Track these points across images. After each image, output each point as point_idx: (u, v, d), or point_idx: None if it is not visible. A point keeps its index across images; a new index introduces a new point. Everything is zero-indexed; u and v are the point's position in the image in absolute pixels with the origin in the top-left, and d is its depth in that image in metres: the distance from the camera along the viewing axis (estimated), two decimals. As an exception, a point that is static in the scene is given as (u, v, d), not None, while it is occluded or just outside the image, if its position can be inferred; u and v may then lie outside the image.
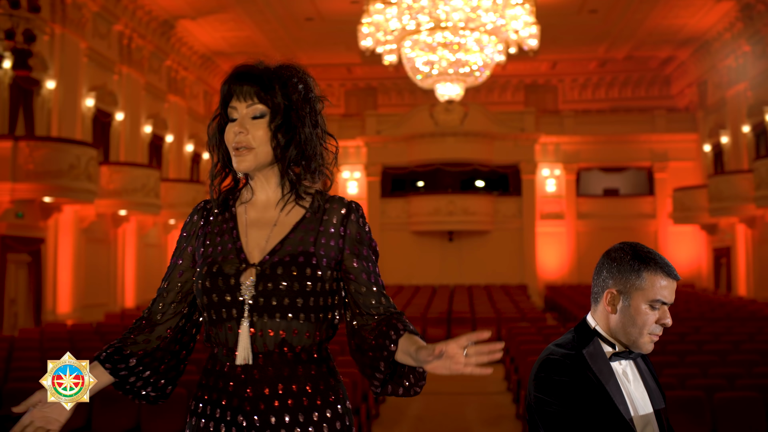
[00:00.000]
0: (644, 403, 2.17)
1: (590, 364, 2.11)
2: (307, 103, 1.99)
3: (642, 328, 2.12)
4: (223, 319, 1.85)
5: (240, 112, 1.92)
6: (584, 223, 24.34)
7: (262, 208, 1.98)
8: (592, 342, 2.17)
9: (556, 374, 2.09)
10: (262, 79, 1.94)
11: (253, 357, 1.83)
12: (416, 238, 24.37)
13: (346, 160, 25.27)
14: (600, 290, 2.19)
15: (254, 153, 1.91)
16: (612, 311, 2.17)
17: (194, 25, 21.35)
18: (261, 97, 1.91)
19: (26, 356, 9.50)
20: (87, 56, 17.00)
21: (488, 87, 27.30)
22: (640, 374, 2.23)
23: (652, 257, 2.15)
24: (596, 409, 2.05)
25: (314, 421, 1.82)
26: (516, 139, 24.28)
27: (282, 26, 21.94)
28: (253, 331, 1.82)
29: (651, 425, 2.16)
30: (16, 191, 13.28)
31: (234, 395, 1.82)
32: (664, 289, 2.12)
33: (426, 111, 24.03)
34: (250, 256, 1.89)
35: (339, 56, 24.94)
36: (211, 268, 1.88)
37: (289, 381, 1.82)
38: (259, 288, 1.82)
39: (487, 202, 24.03)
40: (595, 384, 2.08)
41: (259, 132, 1.91)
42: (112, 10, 18.00)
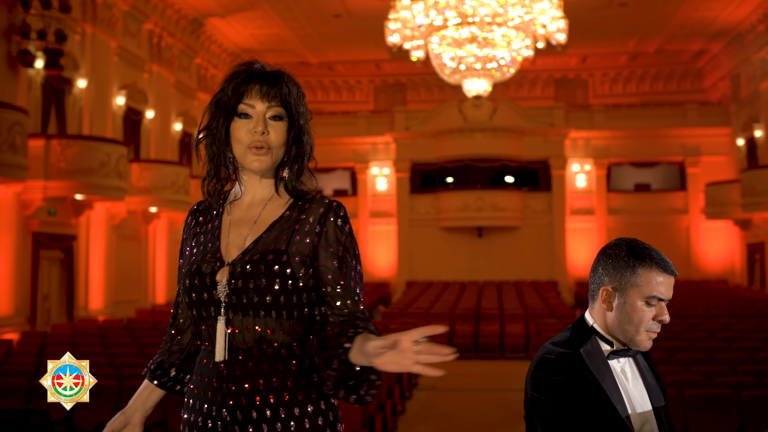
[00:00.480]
0: (643, 401, 2.15)
1: (587, 362, 2.09)
2: (307, 113, 2.01)
3: (639, 325, 2.09)
4: (203, 317, 1.88)
5: (258, 111, 1.92)
6: (615, 219, 24.13)
7: (247, 207, 2.00)
8: (589, 340, 2.15)
9: (552, 374, 2.07)
10: (282, 81, 1.95)
11: (234, 353, 1.85)
12: (445, 234, 24.32)
13: (375, 157, 25.30)
14: (596, 287, 2.17)
15: (272, 154, 1.93)
16: (608, 308, 2.14)
17: (223, 23, 21.49)
18: (283, 99, 1.93)
19: (57, 351, 9.62)
20: (117, 55, 17.20)
21: (517, 82, 27.16)
22: (639, 372, 2.20)
23: (647, 253, 2.12)
24: (593, 409, 2.03)
25: (295, 416, 1.83)
26: (546, 134, 24.12)
27: (310, 23, 22.00)
28: (231, 329, 1.85)
29: (649, 423, 2.13)
30: (49, 189, 13.48)
31: (218, 390, 1.85)
32: (660, 285, 2.09)
33: (455, 107, 23.96)
34: (229, 254, 1.91)
35: (367, 53, 24.96)
36: (191, 267, 1.92)
37: (269, 376, 1.84)
38: (231, 286, 1.85)
39: (516, 197, 23.92)
40: (591, 383, 2.06)
41: (278, 135, 1.93)
42: (142, 9, 18.18)
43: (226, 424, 1.84)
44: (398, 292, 23.95)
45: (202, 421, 1.87)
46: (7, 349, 10.09)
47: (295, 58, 25.63)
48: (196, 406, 1.90)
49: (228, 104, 1.94)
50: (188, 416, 1.92)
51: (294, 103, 1.95)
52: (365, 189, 25.27)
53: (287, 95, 1.94)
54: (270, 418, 1.82)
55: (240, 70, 1.98)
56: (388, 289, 24.17)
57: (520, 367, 12.74)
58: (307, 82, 28.45)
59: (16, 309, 13.21)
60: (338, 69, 27.64)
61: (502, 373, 12.86)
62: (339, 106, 28.17)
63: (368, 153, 25.41)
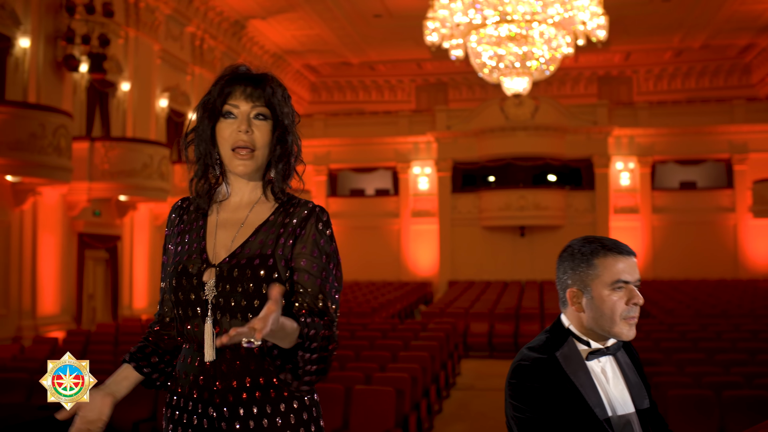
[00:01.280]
0: (624, 402, 2.10)
1: (563, 366, 2.05)
2: (293, 116, 2.03)
3: (612, 315, 2.05)
4: (189, 317, 1.92)
5: (243, 111, 1.96)
6: (660, 218, 23.78)
7: (234, 209, 2.03)
8: (566, 342, 2.10)
9: (527, 380, 2.03)
10: (267, 83, 1.98)
11: (221, 352, 1.88)
12: (487, 233, 24.22)
13: (417, 156, 25.29)
14: (563, 291, 2.14)
15: (255, 156, 1.96)
16: (578, 309, 2.10)
17: (265, 24, 21.68)
18: (267, 100, 1.96)
19: (100, 350, 9.84)
20: (160, 58, 17.46)
21: (560, 80, 26.94)
22: (621, 370, 2.15)
23: (598, 242, 2.09)
24: (570, 414, 2.00)
25: (281, 411, 1.87)
26: (588, 132, 23.86)
27: (350, 23, 22.08)
28: (218, 329, 1.88)
29: (632, 424, 2.08)
30: (93, 190, 13.75)
31: (204, 388, 1.88)
32: (621, 269, 2.05)
33: (496, 105, 23.84)
34: (216, 256, 1.94)
35: (408, 52, 24.96)
36: (177, 267, 1.95)
37: (255, 374, 1.87)
38: (218, 288, 1.88)
39: (559, 196, 23.72)
40: (568, 387, 2.02)
41: (263, 135, 1.96)
42: (184, 12, 18.43)
43: (212, 420, 1.88)
44: (440, 291, 23.91)
45: (187, 418, 1.91)
46: (53, 347, 10.33)
47: (337, 58, 25.75)
48: (180, 403, 1.93)
49: (214, 105, 1.97)
50: (171, 414, 1.96)
51: (278, 104, 1.97)
52: (407, 188, 25.28)
53: (271, 96, 1.96)
54: (256, 414, 1.86)
55: (226, 72, 2.01)
56: (430, 288, 24.15)
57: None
58: (349, 82, 28.57)
59: (62, 308, 13.49)
60: (380, 69, 27.69)
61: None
62: (380, 105, 28.22)
63: (410, 152, 25.41)
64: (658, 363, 8.35)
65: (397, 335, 11.10)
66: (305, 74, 27.58)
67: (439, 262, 24.48)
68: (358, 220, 25.49)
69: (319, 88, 29.10)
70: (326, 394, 6.84)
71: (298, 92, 27.92)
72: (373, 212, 25.60)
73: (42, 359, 9.16)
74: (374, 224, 25.42)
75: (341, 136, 25.79)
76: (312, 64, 26.68)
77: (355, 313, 15.20)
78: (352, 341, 10.39)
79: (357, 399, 6.78)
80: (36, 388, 7.43)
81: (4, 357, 9.48)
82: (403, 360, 8.87)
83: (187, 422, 1.91)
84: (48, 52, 13.50)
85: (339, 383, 7.13)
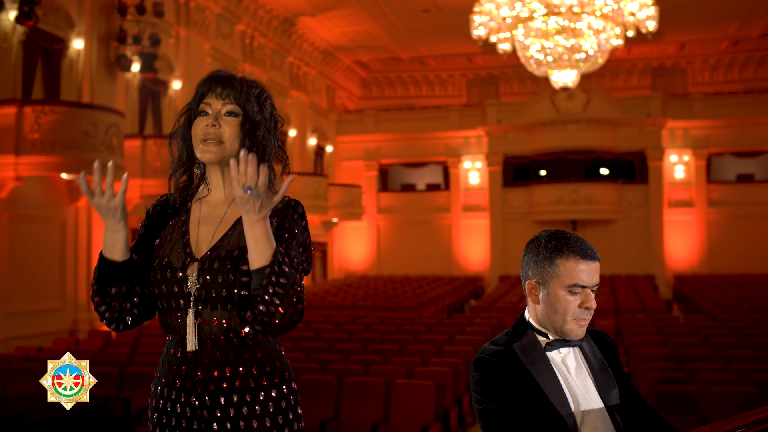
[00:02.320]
0: (586, 392, 2.11)
1: (521, 357, 2.08)
2: (272, 118, 2.12)
3: (564, 314, 2.08)
4: (172, 308, 2.00)
5: (214, 108, 2.05)
6: (716, 211, 23.28)
7: (214, 205, 2.11)
8: (525, 334, 2.14)
9: (485, 372, 2.07)
10: (241, 85, 2.08)
11: (202, 343, 1.95)
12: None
13: (468, 150, 25.22)
14: (524, 281, 2.18)
15: (222, 147, 2.03)
16: (534, 301, 2.14)
17: (314, 21, 21.82)
18: (237, 99, 2.05)
19: (150, 342, 10.07)
20: (211, 56, 17.73)
21: (613, 72, 26.56)
22: (586, 362, 2.16)
23: (565, 243, 2.10)
24: (528, 404, 2.02)
25: (260, 400, 1.95)
26: (641, 124, 23.49)
27: (399, 19, 22.09)
28: (200, 321, 1.96)
29: (594, 415, 2.08)
30: (146, 187, 14.04)
31: (186, 378, 1.96)
32: (581, 273, 2.07)
33: (547, 98, 23.63)
34: (198, 250, 2.03)
35: (458, 46, 24.84)
36: (162, 260, 2.03)
37: (235, 364, 1.95)
38: (200, 281, 1.96)
39: (611, 190, 23.41)
40: (525, 377, 2.05)
41: (231, 128, 2.05)
42: (234, 10, 18.67)
43: (194, 408, 1.96)
44: (491, 286, 23.82)
45: (171, 407, 1.99)
46: (105, 340, 10.61)
47: (387, 53, 25.79)
48: (163, 393, 2.01)
49: (191, 106, 2.09)
50: (156, 402, 2.04)
51: (246, 100, 2.06)
52: (458, 183, 25.22)
53: (239, 93, 2.05)
54: (236, 402, 1.94)
55: (205, 76, 2.11)
56: (481, 283, 24.07)
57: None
58: (399, 77, 28.59)
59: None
60: (430, 63, 27.65)
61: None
62: (431, 100, 28.19)
63: (460, 147, 25.35)
64: (706, 359, 8.21)
65: (443, 330, 11.12)
66: (356, 70, 27.68)
67: (490, 256, 24.39)
68: (408, 215, 25.54)
69: (370, 84, 29.18)
70: (367, 388, 6.92)
71: (348, 88, 28.05)
72: (423, 207, 25.62)
73: (96, 351, 9.43)
74: (425, 219, 25.43)
75: (392, 132, 25.86)
76: (362, 60, 26.76)
77: (403, 308, 15.25)
78: (397, 335, 10.45)
79: (397, 393, 6.84)
80: None
81: (58, 349, 9.76)
82: (447, 354, 8.89)
83: (171, 410, 1.99)
84: (101, 53, 13.84)
85: (380, 377, 7.20)
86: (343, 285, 21.49)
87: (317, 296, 18.02)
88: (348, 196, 23.80)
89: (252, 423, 1.93)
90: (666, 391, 6.67)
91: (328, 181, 22.51)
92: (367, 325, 11.74)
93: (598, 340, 2.26)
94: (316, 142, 24.63)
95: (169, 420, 1.99)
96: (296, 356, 8.70)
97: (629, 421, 2.16)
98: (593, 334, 2.27)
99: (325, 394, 7.02)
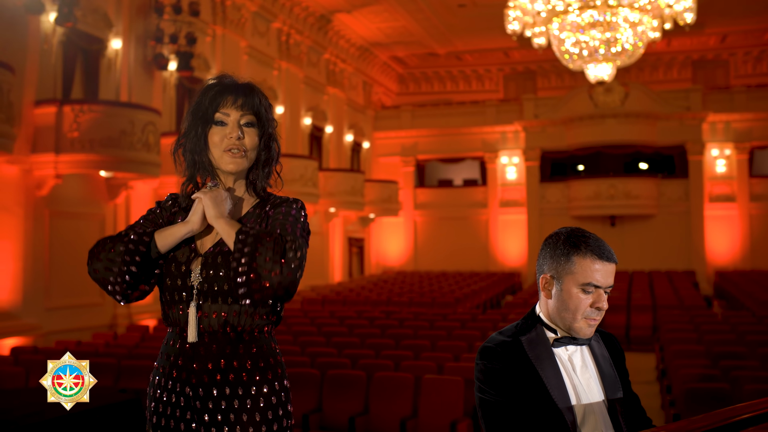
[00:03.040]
0: (590, 391, 2.12)
1: (527, 350, 2.10)
2: (274, 122, 2.19)
3: (575, 312, 2.09)
4: (175, 301, 2.08)
5: (233, 118, 2.11)
6: (758, 206, 22.86)
7: None
8: (534, 328, 2.16)
9: (489, 362, 2.10)
10: (253, 92, 2.14)
11: (200, 335, 2.03)
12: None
13: (505, 146, 25.11)
14: (538, 275, 2.19)
15: (245, 158, 2.11)
16: (547, 296, 2.16)
17: (350, 18, 21.88)
18: (254, 108, 2.12)
19: (186, 337, 10.21)
20: (247, 54, 17.89)
21: (652, 65, 26.23)
22: (594, 361, 2.17)
23: (583, 241, 2.11)
24: (529, 398, 2.04)
25: (252, 394, 2.01)
26: (681, 118, 23.15)
27: (435, 14, 22.06)
28: (200, 313, 2.03)
29: (596, 415, 2.09)
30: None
31: (183, 369, 2.04)
32: (596, 273, 2.07)
33: (585, 93, 23.41)
34: (203, 247, 2.11)
35: (495, 41, 24.73)
36: (168, 254, 2.10)
37: (230, 358, 2.02)
38: (203, 275, 2.04)
39: (650, 185, 23.12)
40: (529, 371, 2.07)
41: (253, 139, 2.12)
42: (270, 8, 18.81)
43: (188, 399, 2.03)
44: (528, 282, 23.72)
45: (167, 396, 2.06)
46: (143, 335, 10.80)
47: (423, 49, 25.76)
48: (161, 382, 2.09)
49: (206, 114, 2.11)
50: (153, 392, 2.11)
51: (264, 112, 2.14)
52: (495, 178, 25.13)
53: (258, 105, 2.13)
54: (228, 395, 2.01)
55: (214, 83, 2.16)
56: (518, 279, 23.97)
57: (646, 359, 12.37)
58: (436, 72, 28.54)
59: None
60: (466, 58, 27.55)
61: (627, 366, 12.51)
62: (468, 95, 28.10)
63: (497, 142, 25.25)
64: (741, 357, 8.11)
65: (477, 326, 11.11)
66: (392, 66, 27.69)
67: (528, 252, 24.26)
68: (445, 210, 25.53)
69: (407, 80, 29.18)
70: (396, 383, 6.95)
71: (385, 84, 28.09)
72: (460, 202, 25.58)
73: (132, 345, 9.60)
74: (462, 214, 25.39)
75: (429, 127, 25.85)
76: (399, 56, 26.76)
77: (438, 304, 15.26)
78: (430, 331, 10.47)
79: (426, 388, 6.86)
80: (123, 372, 7.83)
81: (97, 343, 9.96)
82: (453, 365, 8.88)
83: (167, 400, 2.06)
84: (138, 52, 14.05)
85: (410, 372, 7.24)
86: (380, 281, 21.56)
87: (353, 292, 18.10)
88: (384, 191, 23.86)
89: (242, 416, 2.00)
90: (698, 388, 6.61)
91: (365, 177, 22.57)
92: (400, 321, 11.78)
93: (608, 342, 2.27)
94: (353, 139, 24.72)
95: (165, 409, 2.07)
96: (328, 351, 8.77)
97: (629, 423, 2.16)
98: (603, 335, 2.28)
99: (355, 388, 7.08)
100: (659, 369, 10.10)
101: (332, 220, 21.78)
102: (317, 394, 7.19)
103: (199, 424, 2.02)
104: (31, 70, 11.61)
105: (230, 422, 2.00)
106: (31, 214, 11.54)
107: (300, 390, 7.23)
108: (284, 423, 2.07)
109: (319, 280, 20.83)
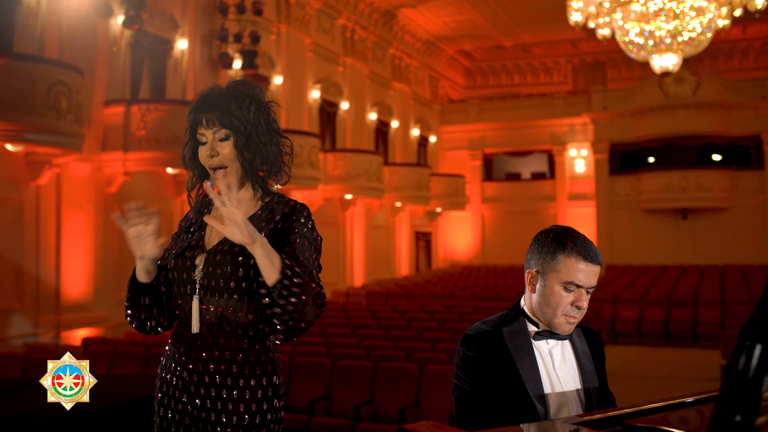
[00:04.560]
0: (566, 385, 2.17)
1: (507, 341, 2.17)
2: (260, 116, 2.25)
3: (555, 308, 2.14)
4: (182, 293, 2.25)
5: (208, 137, 2.23)
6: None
7: None
8: (517, 320, 2.22)
9: (467, 349, 2.18)
10: (220, 105, 2.22)
11: (201, 326, 2.19)
12: (646, 216, 23.39)
13: (573, 138, 24.82)
14: (526, 269, 2.25)
15: (231, 169, 2.23)
16: (531, 290, 2.22)
17: (415, 12, 21.94)
18: (223, 121, 2.21)
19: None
20: (312, 51, 18.13)
21: (727, 53, 25.53)
22: (575, 355, 2.22)
23: (570, 241, 2.16)
24: (502, 386, 2.10)
25: (239, 386, 2.15)
26: (756, 108, 22.46)
27: (500, 7, 21.94)
28: (204, 307, 2.19)
29: (571, 407, 2.14)
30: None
31: (183, 354, 2.21)
32: (579, 273, 2.12)
33: (655, 83, 22.92)
34: (209, 244, 2.27)
35: (562, 32, 24.42)
36: (178, 250, 2.29)
37: (224, 349, 2.17)
38: (205, 270, 2.20)
39: (724, 177, 22.51)
40: (505, 361, 2.13)
41: (227, 151, 2.22)
42: (334, 5, 19.01)
43: (185, 383, 2.20)
44: (596, 276, 23.35)
45: (170, 378, 2.25)
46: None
47: (489, 42, 25.65)
48: (169, 365, 2.27)
49: (192, 133, 2.28)
50: (161, 373, 2.31)
51: (234, 118, 2.20)
52: (563, 171, 24.88)
53: (223, 114, 2.20)
54: (219, 383, 2.16)
55: (193, 101, 2.28)
56: (586, 272, 23.62)
57: (712, 356, 12.13)
58: (504, 65, 28.37)
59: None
60: (534, 51, 27.29)
61: (691, 362, 12.32)
62: (536, 88, 27.85)
63: (565, 135, 24.98)
64: None
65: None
66: (459, 59, 27.64)
67: (596, 245, 23.87)
68: (513, 204, 25.39)
69: (474, 73, 29.07)
70: (447, 376, 7.02)
71: (452, 78, 28.05)
72: (528, 196, 25.40)
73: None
74: (530, 208, 25.22)
75: (496, 120, 25.74)
76: (465, 50, 26.69)
77: (501, 298, 15.23)
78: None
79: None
80: (150, 361, 8.15)
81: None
82: None
83: (170, 381, 2.26)
84: (204, 52, 14.41)
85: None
86: (445, 275, 21.59)
87: (417, 285, 18.19)
88: (451, 185, 23.86)
89: (227, 405, 2.15)
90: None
91: (431, 171, 22.62)
92: (459, 315, 11.81)
93: (590, 338, 2.33)
94: (419, 133, 24.78)
95: (167, 389, 2.26)
96: (385, 344, 8.88)
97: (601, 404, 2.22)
98: (586, 332, 2.33)
99: (406, 381, 7.18)
100: (723, 367, 9.90)
101: (398, 214, 21.91)
102: (369, 386, 7.32)
103: (192, 407, 2.19)
104: (100, 72, 12.04)
105: (217, 409, 2.15)
106: (101, 210, 11.98)
107: (352, 382, 7.37)
108: (268, 417, 2.19)
109: (386, 274, 21.00)
